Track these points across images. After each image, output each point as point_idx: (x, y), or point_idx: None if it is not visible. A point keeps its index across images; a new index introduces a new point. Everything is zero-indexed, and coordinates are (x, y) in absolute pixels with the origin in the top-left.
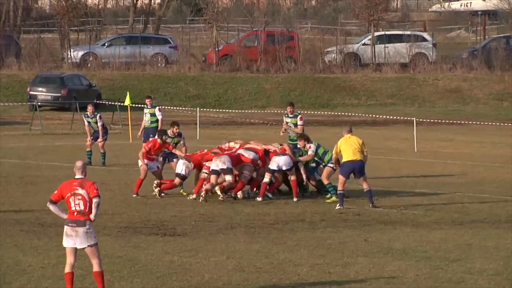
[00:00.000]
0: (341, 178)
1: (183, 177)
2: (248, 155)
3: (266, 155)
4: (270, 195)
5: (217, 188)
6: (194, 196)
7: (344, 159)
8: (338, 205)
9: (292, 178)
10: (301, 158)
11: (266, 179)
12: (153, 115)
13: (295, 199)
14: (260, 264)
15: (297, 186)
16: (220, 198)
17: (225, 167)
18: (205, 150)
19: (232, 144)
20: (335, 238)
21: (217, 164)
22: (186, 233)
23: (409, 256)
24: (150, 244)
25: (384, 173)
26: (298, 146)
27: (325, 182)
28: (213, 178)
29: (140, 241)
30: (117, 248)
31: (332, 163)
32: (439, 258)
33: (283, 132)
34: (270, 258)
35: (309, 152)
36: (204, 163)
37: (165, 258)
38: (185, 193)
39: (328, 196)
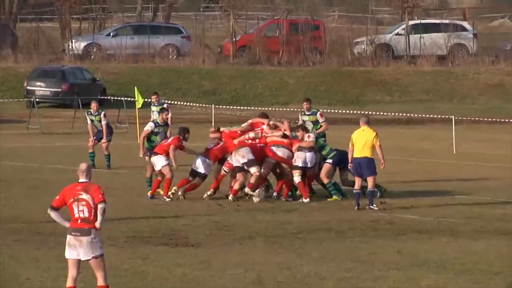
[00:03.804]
0: (355, 177)
1: (203, 176)
2: (282, 153)
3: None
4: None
5: (247, 189)
6: (209, 192)
7: (354, 155)
8: (356, 206)
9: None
10: (302, 144)
11: (298, 177)
12: None
13: (305, 200)
14: (281, 277)
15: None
16: (255, 200)
17: (246, 160)
18: (220, 143)
19: (252, 135)
20: (365, 249)
21: (237, 159)
22: (199, 243)
23: (447, 269)
24: (160, 255)
25: (419, 177)
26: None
27: (325, 181)
28: (240, 176)
29: (149, 252)
30: (124, 259)
31: (330, 158)
32: (480, 271)
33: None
34: (293, 271)
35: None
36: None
37: (177, 271)
38: (175, 192)
39: (334, 196)
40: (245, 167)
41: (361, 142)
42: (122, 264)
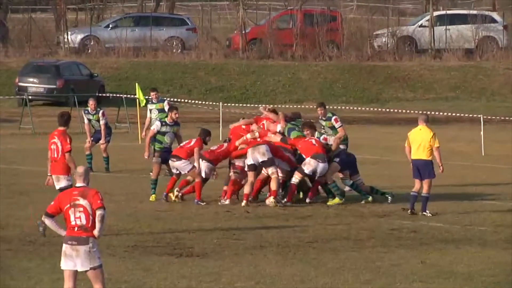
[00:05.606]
0: (414, 179)
1: (205, 179)
2: (285, 153)
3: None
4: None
5: (271, 200)
6: (227, 201)
7: (412, 157)
8: (409, 210)
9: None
10: (319, 151)
11: (296, 179)
12: (161, 111)
13: (308, 200)
14: None
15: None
16: (276, 205)
17: (265, 158)
18: (225, 145)
19: (249, 136)
20: (385, 259)
21: (255, 157)
22: (206, 253)
23: (475, 281)
24: (164, 266)
25: (445, 181)
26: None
27: (329, 181)
28: (251, 175)
29: (152, 263)
30: (124, 271)
31: (337, 156)
32: (511, 284)
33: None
34: (308, 284)
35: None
36: (233, 161)
37: (181, 283)
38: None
39: (333, 199)
40: (262, 166)
41: (417, 142)
42: (123, 276)
